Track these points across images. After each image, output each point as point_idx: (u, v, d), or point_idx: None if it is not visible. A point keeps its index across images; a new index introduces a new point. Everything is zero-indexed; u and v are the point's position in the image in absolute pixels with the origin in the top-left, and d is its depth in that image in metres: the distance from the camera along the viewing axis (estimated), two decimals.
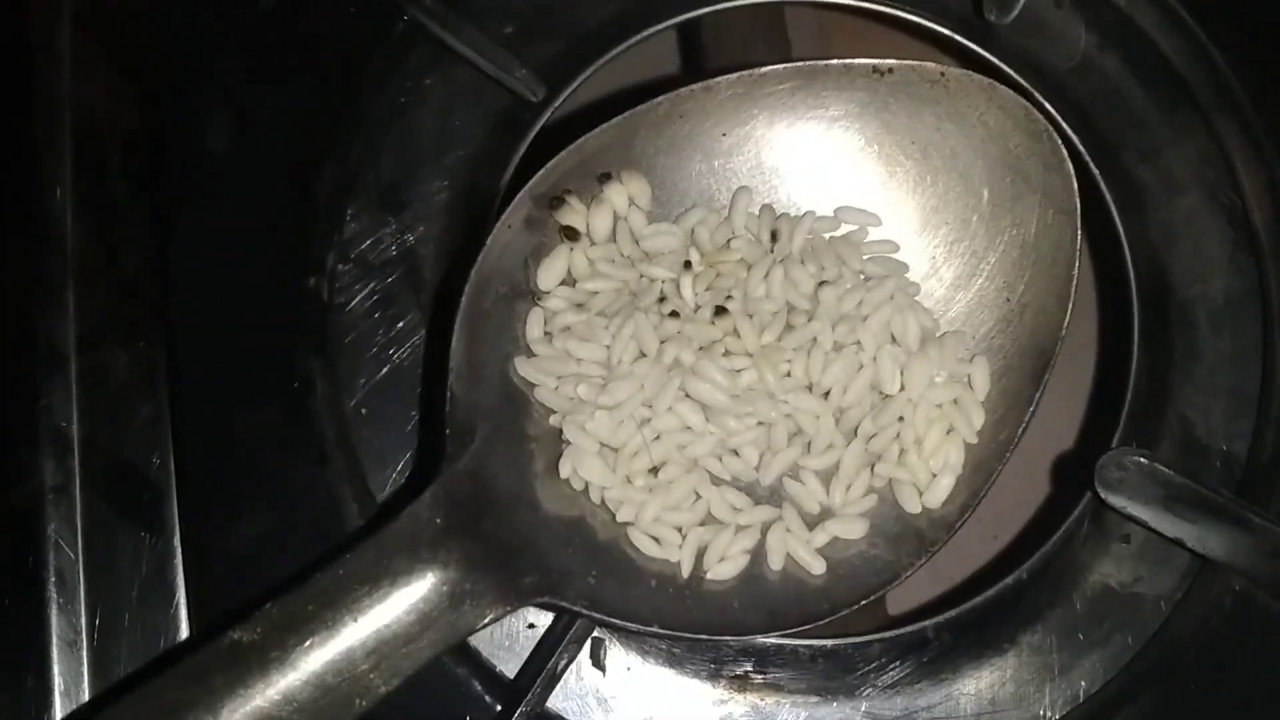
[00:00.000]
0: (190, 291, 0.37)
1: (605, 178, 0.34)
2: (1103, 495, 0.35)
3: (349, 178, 0.38)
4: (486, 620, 0.29)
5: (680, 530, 0.32)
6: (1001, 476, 0.33)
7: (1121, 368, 0.38)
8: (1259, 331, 0.38)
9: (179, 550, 0.34)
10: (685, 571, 0.32)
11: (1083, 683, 0.36)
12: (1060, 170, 0.32)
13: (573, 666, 0.34)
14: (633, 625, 0.31)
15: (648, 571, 0.32)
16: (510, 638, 0.35)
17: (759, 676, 0.35)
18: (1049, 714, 0.35)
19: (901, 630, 0.36)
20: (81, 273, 0.36)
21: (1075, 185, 0.32)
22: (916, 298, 0.34)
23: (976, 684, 0.36)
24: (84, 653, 0.33)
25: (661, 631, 0.31)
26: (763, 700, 0.35)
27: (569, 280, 0.33)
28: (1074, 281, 0.32)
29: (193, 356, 0.36)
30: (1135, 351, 0.38)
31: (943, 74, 0.33)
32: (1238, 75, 0.39)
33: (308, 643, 0.28)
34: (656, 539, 0.32)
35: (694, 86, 0.33)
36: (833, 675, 0.35)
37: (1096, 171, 0.38)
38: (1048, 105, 0.38)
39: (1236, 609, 0.35)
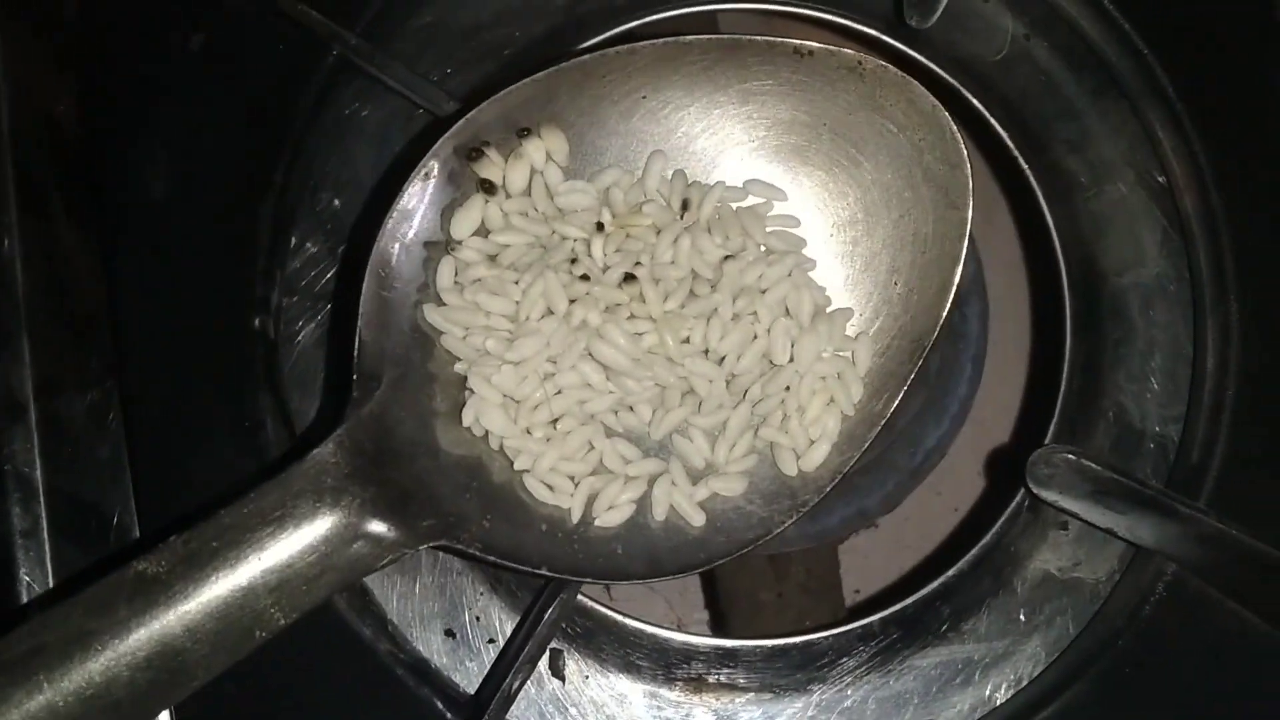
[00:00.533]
0: (139, 337, 0.37)
1: (525, 132, 0.34)
2: (1034, 490, 0.36)
3: (289, 212, 0.38)
4: (385, 561, 0.31)
5: (573, 479, 0.34)
6: (950, 465, 0.35)
7: (1056, 357, 0.39)
8: (1190, 316, 0.39)
9: None
10: (575, 517, 0.34)
11: (1027, 666, 0.37)
12: (960, 169, 0.34)
13: (532, 677, 0.36)
14: (522, 566, 0.33)
15: (539, 516, 0.34)
16: (471, 654, 0.36)
17: (714, 677, 0.37)
18: (996, 697, 0.37)
19: (850, 625, 0.37)
20: (34, 322, 0.36)
21: (971, 185, 0.34)
22: (812, 273, 0.36)
23: (925, 673, 0.37)
24: None
25: (548, 574, 0.33)
26: (719, 700, 0.37)
27: (482, 232, 0.34)
28: (958, 274, 0.34)
29: (146, 401, 0.37)
30: (1068, 340, 0.39)
31: (860, 62, 0.34)
32: (1161, 62, 0.40)
33: (212, 577, 0.29)
34: (550, 486, 0.34)
35: (619, 49, 0.34)
36: (785, 672, 0.37)
37: (1025, 164, 0.39)
38: (975, 102, 0.39)
39: (1170, 591, 0.36)
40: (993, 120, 0.39)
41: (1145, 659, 0.36)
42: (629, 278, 0.34)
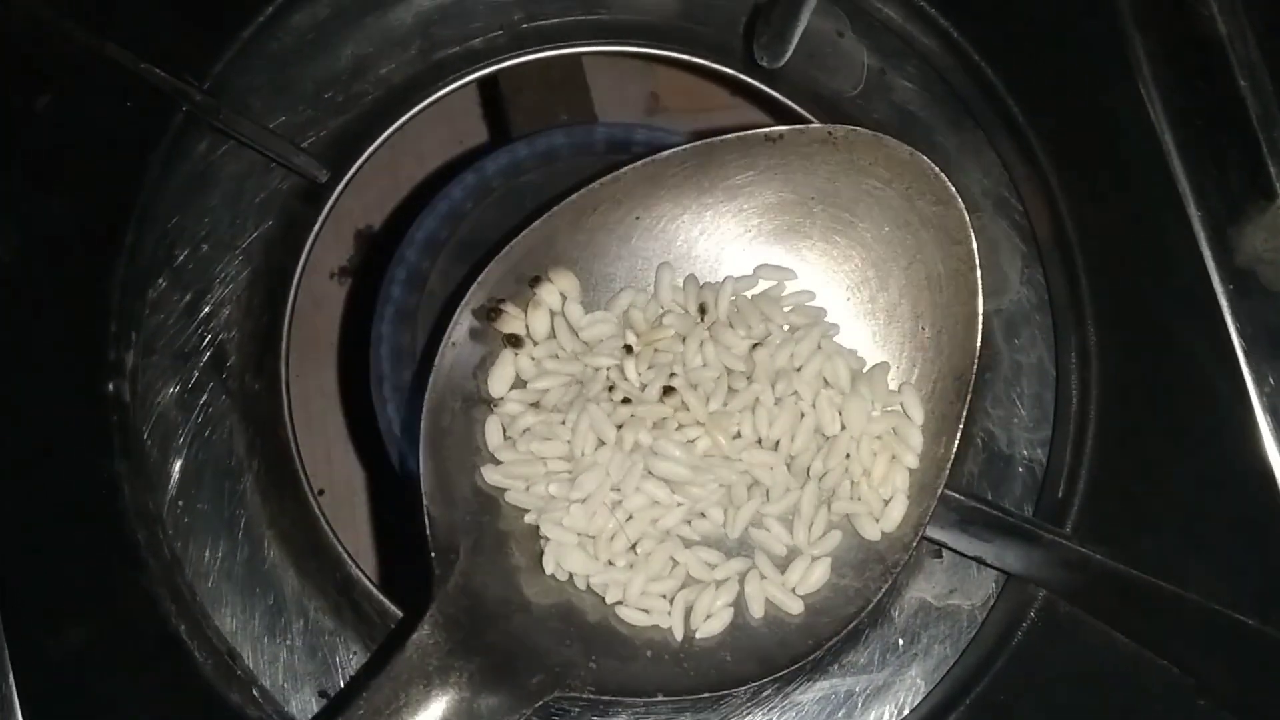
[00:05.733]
0: None
1: (535, 280, 0.35)
2: None
3: (143, 272, 0.38)
4: None
5: (665, 597, 0.34)
6: None
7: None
8: (1051, 341, 0.40)
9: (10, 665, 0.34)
10: (678, 635, 0.34)
11: (907, 696, 0.37)
12: (951, 204, 0.35)
13: None
14: (639, 699, 0.33)
15: (642, 643, 0.34)
16: None
17: None
18: None
19: None
20: None
21: (966, 216, 0.35)
22: (838, 339, 0.36)
23: (806, 709, 0.37)
24: None
25: (666, 699, 0.33)
26: None
27: (519, 383, 0.35)
28: (979, 304, 0.35)
29: (1, 473, 0.36)
30: None
31: (830, 133, 0.35)
32: (1010, 92, 0.40)
33: None
34: (646, 610, 0.34)
35: (603, 180, 0.35)
36: (667, 714, 0.36)
37: None
38: None
39: (1041, 616, 0.37)
40: None
41: (1021, 683, 0.36)
42: (668, 390, 0.34)
